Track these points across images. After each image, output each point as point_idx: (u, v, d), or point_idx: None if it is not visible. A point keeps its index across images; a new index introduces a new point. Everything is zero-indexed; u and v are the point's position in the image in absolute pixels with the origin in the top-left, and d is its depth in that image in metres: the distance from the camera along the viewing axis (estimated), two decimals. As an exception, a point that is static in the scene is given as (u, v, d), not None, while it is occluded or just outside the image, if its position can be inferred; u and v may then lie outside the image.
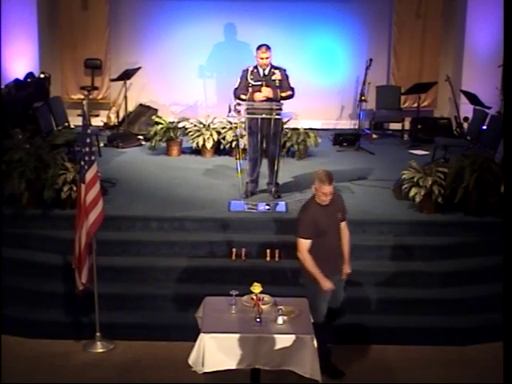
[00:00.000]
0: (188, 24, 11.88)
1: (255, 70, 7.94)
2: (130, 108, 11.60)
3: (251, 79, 7.91)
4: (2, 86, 10.18)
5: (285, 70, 7.99)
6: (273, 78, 7.91)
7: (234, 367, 5.02)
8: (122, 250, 7.16)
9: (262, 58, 7.87)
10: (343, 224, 5.84)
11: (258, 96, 7.80)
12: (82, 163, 6.15)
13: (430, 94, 12.11)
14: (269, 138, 7.87)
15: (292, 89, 7.95)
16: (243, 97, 7.85)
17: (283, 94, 7.88)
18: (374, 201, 8.13)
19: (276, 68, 7.97)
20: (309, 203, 5.73)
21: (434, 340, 6.50)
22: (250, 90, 7.86)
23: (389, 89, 12.12)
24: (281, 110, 7.67)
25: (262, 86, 7.84)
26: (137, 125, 11.41)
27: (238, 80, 7.99)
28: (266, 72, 7.92)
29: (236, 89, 7.96)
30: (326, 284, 5.59)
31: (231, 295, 5.32)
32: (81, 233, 6.13)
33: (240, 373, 5.22)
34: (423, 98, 11.91)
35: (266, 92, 7.79)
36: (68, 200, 7.50)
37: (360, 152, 10.60)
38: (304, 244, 5.60)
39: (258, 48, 7.91)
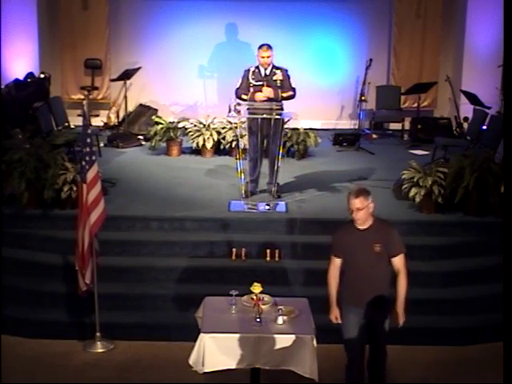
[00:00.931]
0: (188, 24, 11.89)
1: (257, 70, 7.95)
2: (130, 108, 11.60)
3: (252, 79, 7.91)
4: (2, 86, 10.19)
5: (286, 71, 8.00)
6: (274, 78, 7.91)
7: (234, 367, 5.02)
8: (122, 250, 7.16)
9: (263, 57, 7.88)
10: (397, 261, 5.20)
11: (259, 96, 7.80)
12: (83, 163, 6.15)
13: (430, 94, 12.11)
14: (269, 138, 7.87)
15: (293, 89, 7.95)
16: (244, 97, 7.86)
17: (284, 95, 7.88)
18: (374, 201, 8.09)
19: (277, 68, 7.98)
20: (347, 222, 5.30)
21: (434, 340, 6.51)
22: (252, 89, 7.87)
23: (389, 89, 12.12)
24: (281, 109, 7.68)
25: (263, 85, 7.85)
26: (137, 125, 11.41)
27: (240, 80, 7.99)
28: (268, 72, 7.92)
29: (237, 89, 7.97)
30: (332, 313, 5.29)
31: (231, 295, 5.31)
32: (83, 233, 6.12)
33: (240, 372, 5.22)
34: (423, 98, 11.91)
35: (267, 92, 7.80)
36: (68, 200, 7.50)
37: (360, 152, 10.60)
38: (331, 261, 5.27)
39: (260, 47, 7.93)
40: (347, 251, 5.20)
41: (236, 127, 9.21)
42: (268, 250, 7.06)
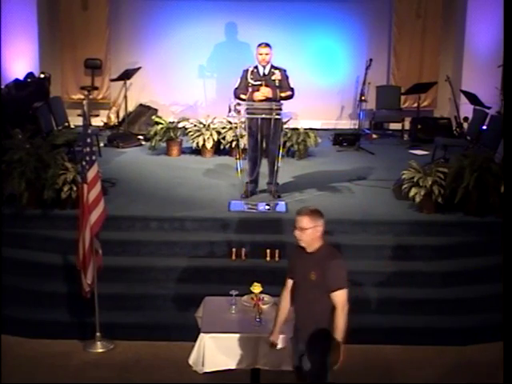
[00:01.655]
0: (188, 24, 11.89)
1: (255, 70, 7.94)
2: (130, 108, 11.61)
3: (251, 79, 7.90)
4: (2, 86, 10.19)
5: (285, 71, 7.99)
6: (272, 77, 7.90)
7: (234, 367, 5.03)
8: (122, 250, 7.15)
9: (261, 54, 7.86)
10: (334, 297, 4.56)
11: (257, 95, 7.80)
12: (83, 163, 6.15)
13: (430, 94, 12.11)
14: (269, 138, 7.87)
15: (292, 89, 7.94)
16: (243, 96, 7.85)
17: (283, 94, 7.87)
18: (374, 201, 8.13)
19: (276, 68, 7.97)
20: None
21: (434, 340, 6.50)
22: (250, 89, 7.86)
23: (389, 89, 12.13)
24: (281, 109, 7.67)
25: (261, 85, 7.84)
26: (137, 125, 11.42)
27: (239, 80, 7.99)
28: (266, 71, 7.92)
29: (236, 89, 7.96)
30: (272, 335, 4.88)
31: (231, 295, 5.32)
32: (84, 233, 6.12)
33: (240, 373, 5.23)
34: (423, 98, 11.91)
35: (265, 91, 7.79)
36: (68, 200, 7.50)
37: (360, 152, 10.60)
38: (285, 281, 4.90)
39: (259, 45, 7.93)
40: (294, 273, 4.82)
41: (236, 127, 9.22)
42: (268, 250, 7.05)
